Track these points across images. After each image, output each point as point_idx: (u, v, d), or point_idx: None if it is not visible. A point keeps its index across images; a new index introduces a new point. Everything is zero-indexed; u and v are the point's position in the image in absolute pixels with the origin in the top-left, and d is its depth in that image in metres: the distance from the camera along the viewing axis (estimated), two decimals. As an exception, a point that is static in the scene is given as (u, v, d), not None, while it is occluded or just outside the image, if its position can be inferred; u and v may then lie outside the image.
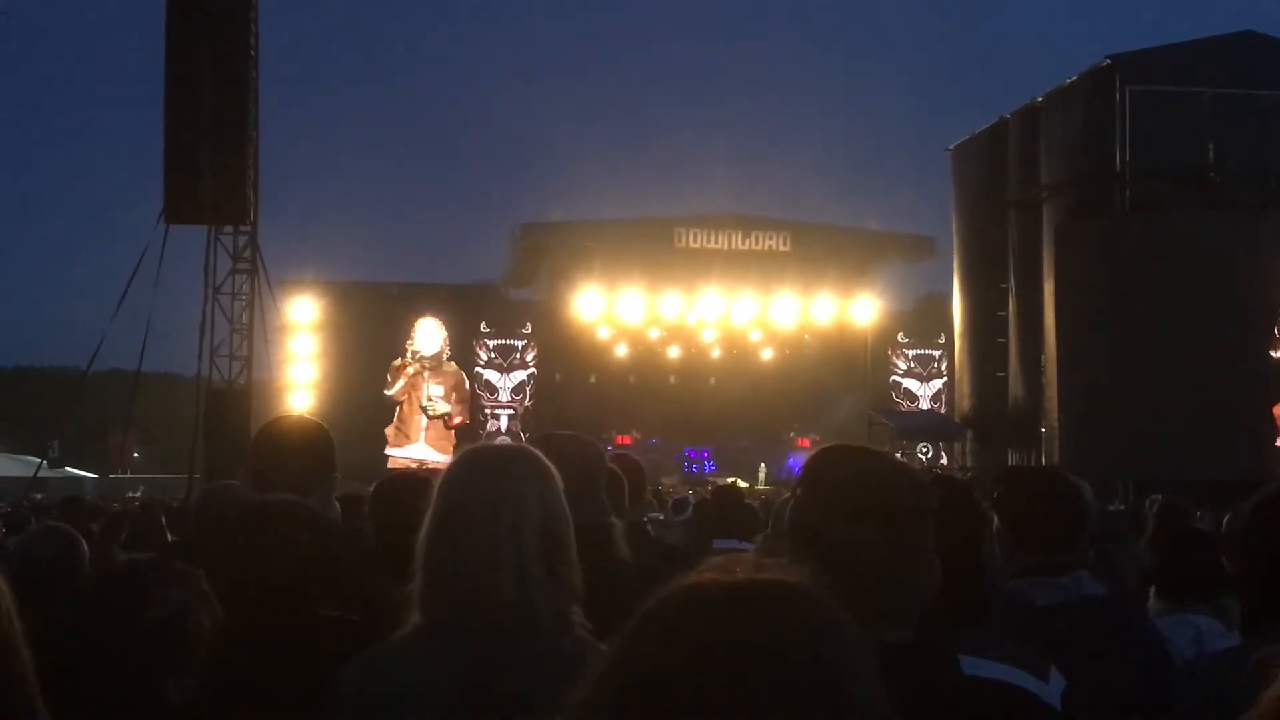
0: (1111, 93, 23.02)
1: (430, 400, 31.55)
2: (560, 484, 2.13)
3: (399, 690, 2.01)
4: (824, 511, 1.76)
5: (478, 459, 2.16)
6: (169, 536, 6.89)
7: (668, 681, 0.90)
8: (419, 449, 30.99)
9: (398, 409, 31.86)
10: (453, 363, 32.62)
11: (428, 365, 32.23)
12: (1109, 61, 23.45)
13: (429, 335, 32.74)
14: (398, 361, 32.06)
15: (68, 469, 33.39)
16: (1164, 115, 22.66)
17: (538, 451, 2.19)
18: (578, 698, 0.96)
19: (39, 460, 26.39)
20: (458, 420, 31.72)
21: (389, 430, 31.49)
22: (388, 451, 30.33)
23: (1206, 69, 22.77)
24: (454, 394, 32.22)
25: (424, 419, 31.73)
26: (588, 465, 2.91)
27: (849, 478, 1.77)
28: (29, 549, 4.07)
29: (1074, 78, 24.51)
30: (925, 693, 1.64)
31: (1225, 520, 6.46)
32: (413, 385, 32.16)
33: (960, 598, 2.28)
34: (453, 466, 2.15)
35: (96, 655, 2.06)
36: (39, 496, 20.37)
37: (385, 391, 31.88)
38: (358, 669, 2.08)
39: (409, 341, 32.44)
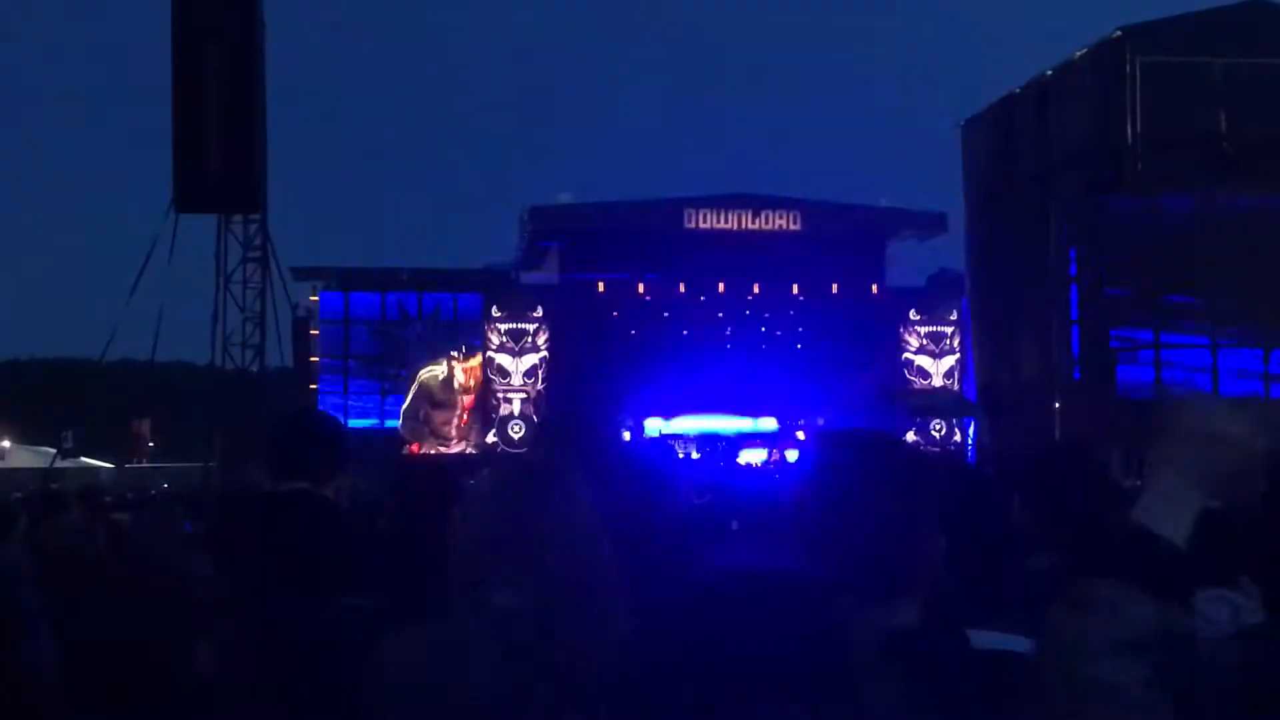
0: (1122, 65, 22.89)
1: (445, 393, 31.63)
2: (585, 490, 2.13)
3: (436, 675, 2.03)
4: (823, 497, 1.78)
5: (502, 477, 2.18)
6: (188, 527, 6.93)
7: None
8: (435, 444, 31.09)
9: (406, 406, 31.87)
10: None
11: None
12: (1119, 33, 23.30)
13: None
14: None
15: (83, 459, 33.52)
16: (1175, 86, 22.52)
17: (565, 462, 2.21)
18: None
19: (54, 451, 26.54)
20: (468, 407, 31.81)
21: (404, 430, 31.46)
22: (406, 451, 30.23)
23: (1217, 39, 22.61)
24: (466, 383, 32.29)
25: (437, 414, 31.77)
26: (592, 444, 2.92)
27: (849, 462, 1.79)
28: (49, 539, 4.10)
29: (1084, 50, 24.36)
30: (932, 669, 1.66)
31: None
32: (425, 384, 32.16)
33: (974, 578, 2.29)
34: (479, 484, 2.19)
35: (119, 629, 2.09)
36: (55, 486, 20.45)
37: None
38: (392, 655, 2.08)
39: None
